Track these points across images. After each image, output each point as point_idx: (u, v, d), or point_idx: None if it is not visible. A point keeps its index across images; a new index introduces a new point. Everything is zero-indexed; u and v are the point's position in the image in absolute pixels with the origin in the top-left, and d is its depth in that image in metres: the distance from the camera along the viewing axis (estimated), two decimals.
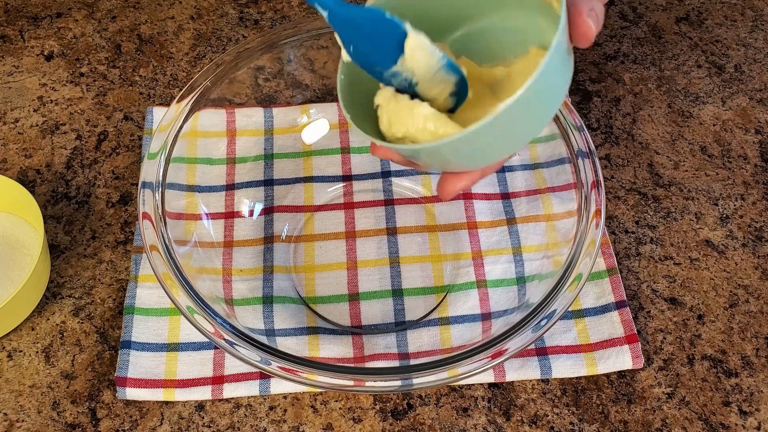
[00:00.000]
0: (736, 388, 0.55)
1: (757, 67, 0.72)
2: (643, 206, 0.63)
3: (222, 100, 0.59)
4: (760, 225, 0.63)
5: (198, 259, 0.55)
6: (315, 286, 0.59)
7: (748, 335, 0.58)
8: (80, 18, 0.75)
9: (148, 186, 0.52)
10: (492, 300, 0.57)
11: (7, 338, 0.56)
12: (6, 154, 0.66)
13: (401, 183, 0.64)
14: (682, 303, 0.59)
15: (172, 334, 0.56)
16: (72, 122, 0.67)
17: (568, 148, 0.55)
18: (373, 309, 0.58)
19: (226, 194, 0.61)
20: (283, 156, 0.64)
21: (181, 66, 0.71)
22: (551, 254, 0.55)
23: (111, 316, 0.58)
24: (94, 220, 0.62)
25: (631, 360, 0.55)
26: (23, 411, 0.54)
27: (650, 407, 0.54)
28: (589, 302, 0.58)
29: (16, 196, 0.58)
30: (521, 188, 0.62)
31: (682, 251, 0.61)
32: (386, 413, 0.54)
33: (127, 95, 0.69)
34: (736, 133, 0.68)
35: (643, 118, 0.68)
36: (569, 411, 0.54)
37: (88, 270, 0.60)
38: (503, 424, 0.53)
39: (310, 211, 0.62)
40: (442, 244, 0.61)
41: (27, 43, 0.73)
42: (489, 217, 0.61)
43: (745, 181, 0.65)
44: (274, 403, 0.54)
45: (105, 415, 0.54)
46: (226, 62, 0.57)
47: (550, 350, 0.55)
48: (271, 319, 0.56)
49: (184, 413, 0.54)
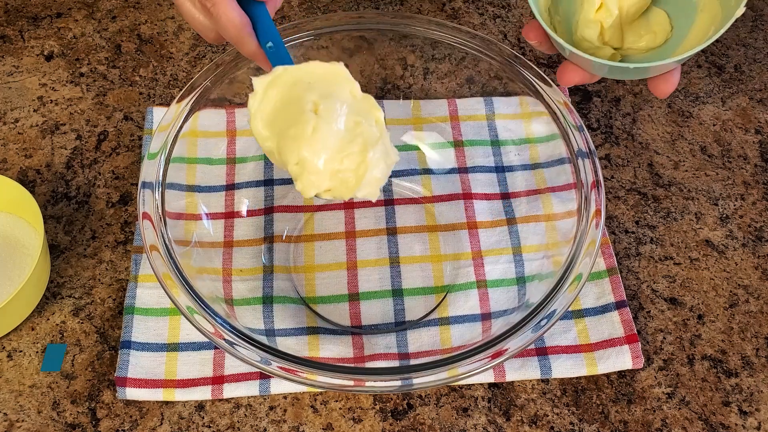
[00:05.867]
0: (736, 388, 0.55)
1: (757, 67, 0.72)
2: (643, 206, 0.63)
3: (222, 100, 0.59)
4: (760, 225, 0.63)
5: (198, 259, 0.55)
6: (315, 286, 0.59)
7: (748, 335, 0.58)
8: (80, 18, 0.75)
9: (148, 186, 0.52)
10: (492, 300, 0.57)
11: (7, 338, 0.56)
12: (6, 154, 0.66)
13: (401, 183, 0.64)
14: (682, 303, 0.59)
15: (172, 334, 0.56)
16: (72, 122, 0.67)
17: (568, 148, 0.55)
18: (373, 309, 0.58)
19: (226, 194, 0.61)
20: None
21: (181, 66, 0.71)
22: (551, 254, 0.55)
23: (111, 316, 0.58)
24: (94, 220, 0.62)
25: (631, 360, 0.55)
26: (23, 411, 0.54)
27: (650, 407, 0.54)
28: (589, 302, 0.58)
29: (16, 196, 0.58)
30: (521, 188, 0.62)
31: (682, 251, 0.61)
32: (386, 413, 0.54)
33: (127, 95, 0.69)
34: (736, 133, 0.68)
35: (643, 118, 0.68)
36: (569, 411, 0.54)
37: (88, 270, 0.60)
38: (503, 424, 0.53)
39: (310, 211, 0.62)
40: (442, 244, 0.61)
41: (27, 43, 0.73)
42: (489, 217, 0.61)
43: (745, 181, 0.65)
44: (274, 403, 0.54)
45: (105, 415, 0.54)
46: (226, 62, 0.57)
47: (550, 350, 0.55)
48: (271, 319, 0.56)
49: (184, 413, 0.54)
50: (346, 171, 0.44)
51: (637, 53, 0.52)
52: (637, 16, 0.51)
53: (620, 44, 0.51)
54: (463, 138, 0.65)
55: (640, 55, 0.52)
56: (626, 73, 0.50)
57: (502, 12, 0.75)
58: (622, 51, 0.52)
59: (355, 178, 0.44)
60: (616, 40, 0.51)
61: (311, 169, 0.43)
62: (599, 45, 0.50)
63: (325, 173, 0.44)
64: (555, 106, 0.56)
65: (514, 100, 0.64)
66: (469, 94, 0.66)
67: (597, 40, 0.50)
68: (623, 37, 0.51)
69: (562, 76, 0.50)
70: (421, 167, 0.65)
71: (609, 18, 0.50)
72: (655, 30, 0.51)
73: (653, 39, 0.51)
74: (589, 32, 0.50)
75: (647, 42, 0.51)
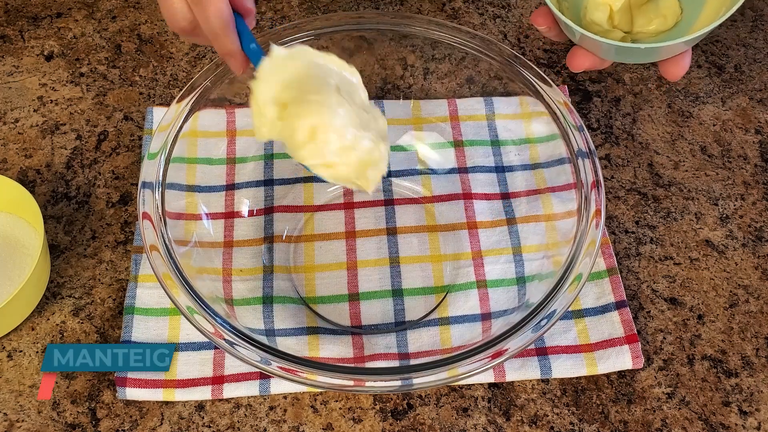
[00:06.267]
0: (736, 388, 0.55)
1: (757, 67, 0.72)
2: (643, 206, 0.63)
3: (222, 100, 0.59)
4: (760, 225, 0.63)
5: (198, 259, 0.55)
6: (315, 286, 0.59)
7: (748, 335, 0.58)
8: (80, 18, 0.75)
9: (148, 186, 0.52)
10: (492, 300, 0.57)
11: (7, 338, 0.56)
12: (6, 154, 0.66)
13: (401, 183, 0.64)
14: (682, 303, 0.59)
15: (172, 334, 0.56)
16: (72, 122, 0.67)
17: (568, 148, 0.55)
18: (373, 309, 0.58)
19: (226, 194, 0.61)
20: (283, 156, 0.64)
21: (181, 66, 0.71)
22: (551, 254, 0.55)
23: (111, 316, 0.58)
24: (94, 220, 0.62)
25: (631, 360, 0.55)
26: (23, 411, 0.54)
27: (650, 407, 0.54)
28: (589, 302, 0.58)
29: (16, 196, 0.58)
30: (521, 188, 0.62)
31: (682, 251, 0.61)
32: (386, 413, 0.54)
33: (127, 95, 0.69)
34: (736, 133, 0.68)
35: (643, 118, 0.68)
36: (569, 411, 0.54)
37: (88, 270, 0.60)
38: (503, 424, 0.53)
39: (310, 211, 0.62)
40: (442, 244, 0.61)
41: (27, 43, 0.73)
42: (489, 217, 0.61)
43: (745, 181, 0.65)
44: (274, 403, 0.54)
45: (105, 415, 0.54)
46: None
47: (550, 350, 0.55)
48: (271, 319, 0.56)
49: (184, 413, 0.54)
50: (358, 151, 0.44)
51: (647, 37, 0.52)
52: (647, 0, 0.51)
53: (630, 28, 0.52)
54: (463, 138, 0.65)
55: (650, 38, 0.52)
56: (637, 54, 0.50)
57: (502, 12, 0.75)
58: (632, 35, 0.52)
59: (362, 163, 0.44)
60: (626, 23, 0.51)
61: (324, 138, 0.43)
62: (609, 28, 0.51)
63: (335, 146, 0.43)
64: (555, 106, 0.56)
65: (514, 100, 0.64)
66: (469, 94, 0.66)
67: (606, 23, 0.50)
68: (633, 20, 0.51)
69: (572, 61, 0.50)
70: (421, 167, 0.65)
71: (618, 1, 0.50)
72: (664, 13, 0.51)
73: (663, 22, 0.51)
74: (598, 15, 0.50)
75: (657, 25, 0.51)
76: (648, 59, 0.50)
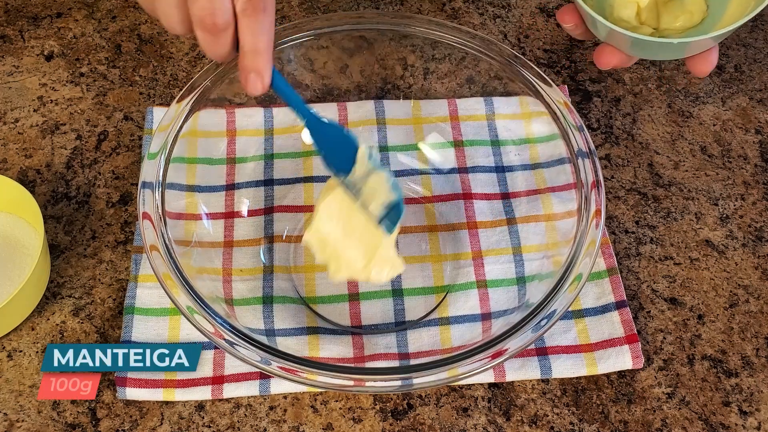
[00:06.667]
0: (736, 388, 0.55)
1: (757, 67, 0.72)
2: (643, 206, 0.63)
3: (222, 100, 0.59)
4: (760, 225, 0.63)
5: (198, 259, 0.55)
6: (315, 286, 0.59)
7: (748, 335, 0.58)
8: (80, 18, 0.75)
9: (148, 186, 0.52)
10: (492, 300, 0.57)
11: (7, 338, 0.56)
12: (6, 154, 0.66)
13: (401, 183, 0.64)
14: (682, 303, 0.59)
15: (172, 334, 0.56)
16: (72, 122, 0.67)
17: (568, 148, 0.55)
18: (373, 309, 0.58)
19: (226, 194, 0.61)
20: (283, 156, 0.64)
21: (181, 66, 0.71)
22: (551, 254, 0.55)
23: (111, 316, 0.58)
24: (94, 220, 0.62)
25: (631, 360, 0.55)
26: (23, 411, 0.54)
27: (650, 407, 0.54)
28: (589, 302, 0.58)
29: (16, 196, 0.58)
30: (521, 188, 0.62)
31: (682, 251, 0.61)
32: (386, 413, 0.54)
33: (127, 95, 0.69)
34: (736, 133, 0.68)
35: (643, 118, 0.68)
36: (569, 411, 0.54)
37: (88, 270, 0.60)
38: (503, 424, 0.53)
39: (311, 211, 0.62)
40: (442, 244, 0.61)
41: (27, 43, 0.73)
42: (489, 217, 0.61)
43: (745, 181, 0.65)
44: (274, 403, 0.54)
45: (105, 415, 0.54)
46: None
47: (550, 350, 0.55)
48: (271, 319, 0.56)
49: (184, 413, 0.54)
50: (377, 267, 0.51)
51: (674, 33, 0.52)
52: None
53: (657, 24, 0.52)
54: (463, 138, 0.65)
55: (677, 35, 0.52)
56: (667, 50, 0.50)
57: (502, 12, 0.75)
58: (659, 32, 0.52)
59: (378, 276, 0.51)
60: (653, 20, 0.51)
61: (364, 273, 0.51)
62: (636, 25, 0.51)
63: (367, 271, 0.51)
64: (555, 106, 0.56)
65: (514, 100, 0.64)
66: (469, 94, 0.66)
67: (634, 20, 0.50)
68: (659, 17, 0.52)
69: (599, 59, 0.51)
70: (421, 167, 0.64)
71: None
72: (691, 10, 0.51)
73: (689, 19, 0.51)
74: (626, 12, 0.50)
75: (683, 22, 0.51)
76: (676, 56, 0.50)
